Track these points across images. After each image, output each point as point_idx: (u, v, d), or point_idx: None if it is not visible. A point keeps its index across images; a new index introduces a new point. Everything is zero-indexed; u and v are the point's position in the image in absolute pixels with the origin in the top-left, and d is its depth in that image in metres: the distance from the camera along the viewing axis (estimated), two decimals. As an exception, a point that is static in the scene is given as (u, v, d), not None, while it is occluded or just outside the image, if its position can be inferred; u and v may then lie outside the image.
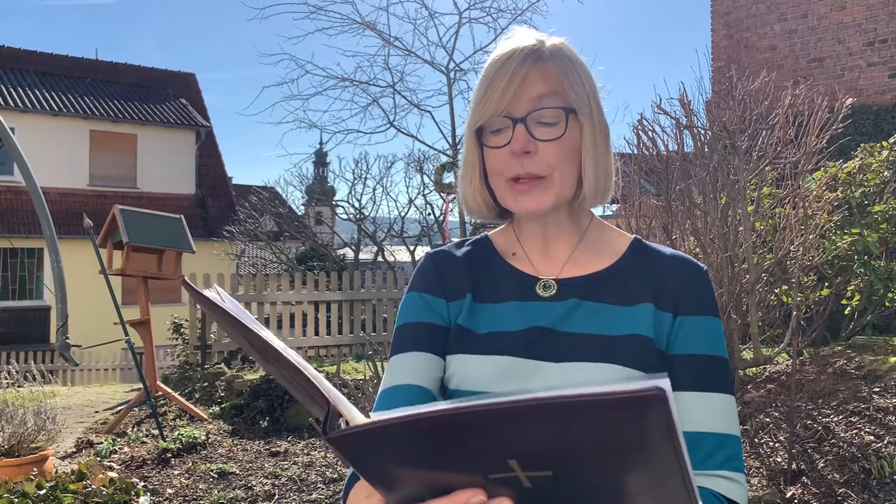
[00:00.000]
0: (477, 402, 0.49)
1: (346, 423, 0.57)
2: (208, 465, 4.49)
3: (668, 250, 1.03)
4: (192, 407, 5.86)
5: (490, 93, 0.94)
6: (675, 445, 0.48)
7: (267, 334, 0.64)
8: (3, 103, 18.17)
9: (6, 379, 4.89)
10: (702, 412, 0.92)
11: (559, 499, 0.55)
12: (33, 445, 4.15)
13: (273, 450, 4.83)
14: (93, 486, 3.26)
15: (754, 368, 4.52)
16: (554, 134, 0.94)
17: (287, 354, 0.62)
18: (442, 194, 12.83)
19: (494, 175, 0.99)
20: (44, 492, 3.13)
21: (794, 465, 3.37)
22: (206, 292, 0.69)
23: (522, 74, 0.94)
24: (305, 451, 4.80)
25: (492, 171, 0.99)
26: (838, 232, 4.60)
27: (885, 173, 4.99)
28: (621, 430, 0.48)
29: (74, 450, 5.09)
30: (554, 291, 1.00)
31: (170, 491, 4.09)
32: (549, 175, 0.95)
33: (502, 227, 1.11)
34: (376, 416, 0.53)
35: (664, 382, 0.45)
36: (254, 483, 4.19)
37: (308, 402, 0.63)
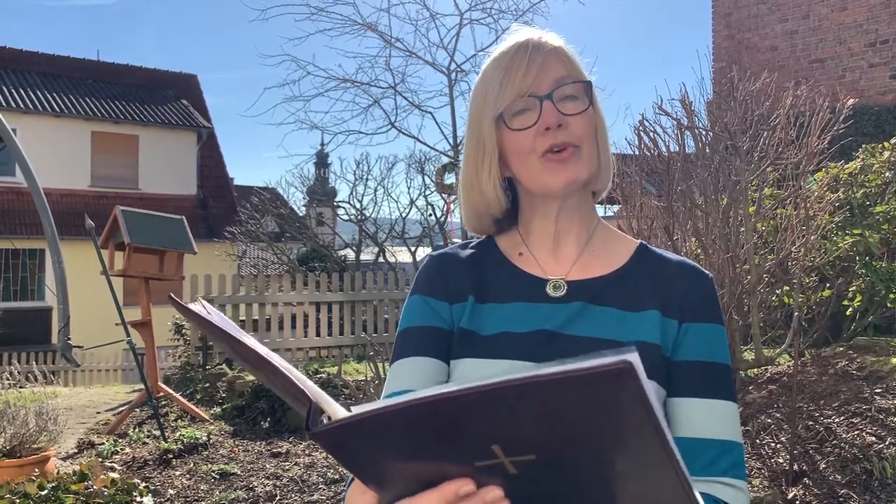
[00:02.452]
0: (452, 388, 0.49)
1: (329, 418, 0.58)
2: (210, 465, 4.50)
3: (673, 256, 1.03)
4: (193, 408, 5.86)
5: (510, 77, 0.95)
6: (651, 421, 0.47)
7: (251, 341, 0.65)
8: (4, 104, 18.21)
9: (8, 380, 4.90)
10: (705, 419, 0.92)
11: (547, 485, 0.55)
12: (35, 446, 4.15)
13: (274, 451, 4.83)
14: (94, 487, 3.26)
15: (756, 369, 4.52)
16: (579, 107, 0.95)
17: (270, 358, 0.63)
18: (443, 195, 12.85)
19: (521, 156, 0.96)
20: (45, 492, 3.13)
21: (795, 466, 3.36)
22: (192, 306, 0.70)
23: (541, 59, 0.95)
24: (307, 452, 4.80)
25: (518, 152, 0.96)
26: (839, 233, 4.59)
27: (887, 174, 4.98)
28: (594, 406, 0.47)
29: (76, 450, 5.09)
30: (564, 292, 0.99)
31: (171, 492, 4.09)
32: (581, 146, 0.95)
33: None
34: (357, 410, 0.53)
35: (633, 356, 0.45)
36: (255, 484, 4.19)
37: (295, 404, 0.64)
